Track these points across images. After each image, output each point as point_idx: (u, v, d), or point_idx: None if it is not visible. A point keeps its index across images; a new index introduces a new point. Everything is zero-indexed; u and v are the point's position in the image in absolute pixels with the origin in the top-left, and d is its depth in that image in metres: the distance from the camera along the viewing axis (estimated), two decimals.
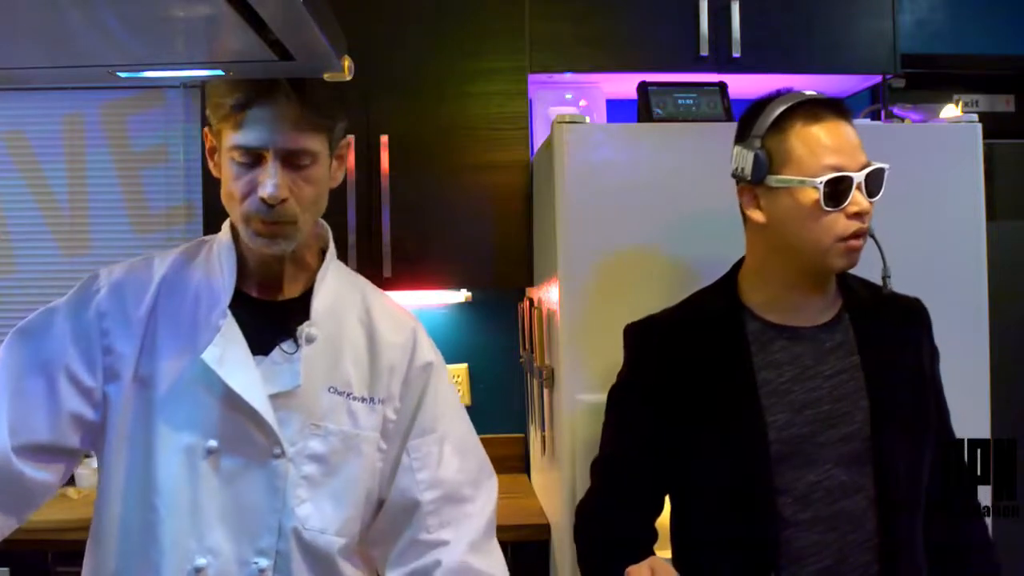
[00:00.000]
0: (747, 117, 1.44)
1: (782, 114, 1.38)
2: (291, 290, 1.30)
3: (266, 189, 1.17)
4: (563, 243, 2.05)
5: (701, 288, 1.56)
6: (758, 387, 1.39)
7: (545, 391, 2.24)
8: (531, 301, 2.43)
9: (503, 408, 2.78)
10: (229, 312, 1.24)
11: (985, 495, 1.81)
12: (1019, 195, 2.99)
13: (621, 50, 2.48)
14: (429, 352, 1.37)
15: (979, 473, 1.81)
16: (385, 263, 2.39)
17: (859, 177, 1.34)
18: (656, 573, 1.24)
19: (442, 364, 1.39)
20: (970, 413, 2.00)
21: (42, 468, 1.21)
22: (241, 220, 1.22)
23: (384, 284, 2.40)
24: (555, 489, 2.16)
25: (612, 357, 2.03)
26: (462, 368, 2.78)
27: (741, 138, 1.43)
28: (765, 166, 1.38)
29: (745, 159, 1.39)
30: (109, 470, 1.24)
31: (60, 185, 2.78)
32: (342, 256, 2.34)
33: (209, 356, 1.21)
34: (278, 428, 1.22)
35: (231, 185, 1.21)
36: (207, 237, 1.34)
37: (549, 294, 2.20)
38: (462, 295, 2.68)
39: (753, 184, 1.40)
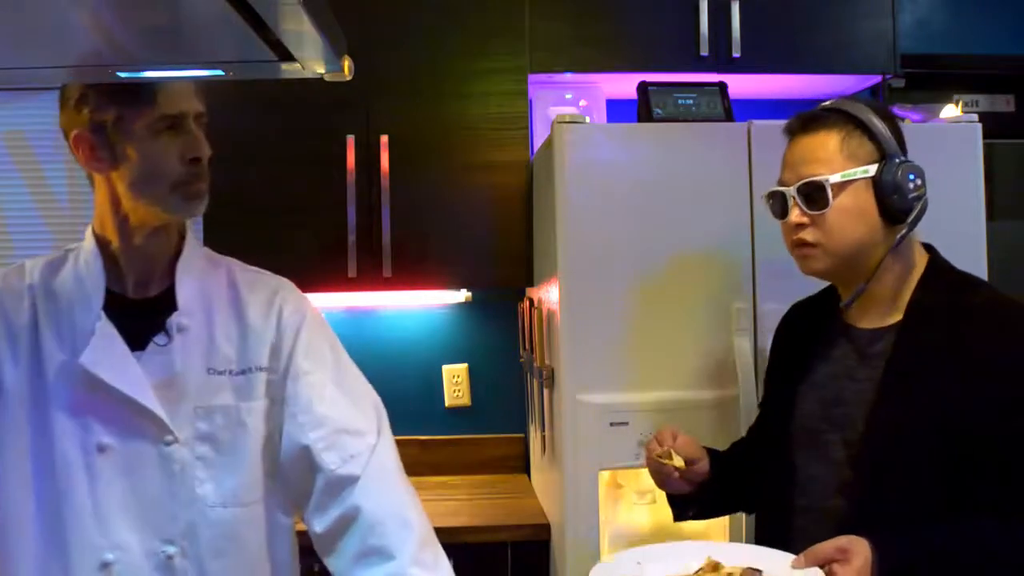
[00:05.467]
0: None
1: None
2: (161, 283, 1.35)
3: (199, 148, 1.27)
4: (563, 243, 2.05)
5: None
6: (805, 376, 1.49)
7: (545, 391, 2.24)
8: (531, 301, 2.44)
9: (503, 408, 2.78)
10: (103, 314, 1.28)
11: None
12: (1019, 195, 2.99)
13: (621, 50, 2.48)
14: (296, 309, 1.39)
15: None
16: (385, 263, 2.39)
17: (789, 192, 1.41)
18: (676, 437, 1.52)
19: (315, 317, 1.41)
20: None
21: None
22: (168, 191, 1.27)
23: (384, 284, 2.41)
24: (555, 489, 2.16)
25: (612, 357, 2.04)
26: (462, 368, 2.78)
27: None
28: None
29: None
30: (8, 481, 1.27)
31: (60, 185, 2.78)
32: (342, 256, 2.37)
33: (86, 359, 1.25)
34: (166, 416, 1.27)
35: (154, 162, 1.26)
36: (72, 246, 1.39)
37: (549, 294, 2.20)
38: (462, 295, 2.68)
39: None
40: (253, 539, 1.33)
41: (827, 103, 1.46)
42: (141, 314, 1.31)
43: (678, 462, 1.50)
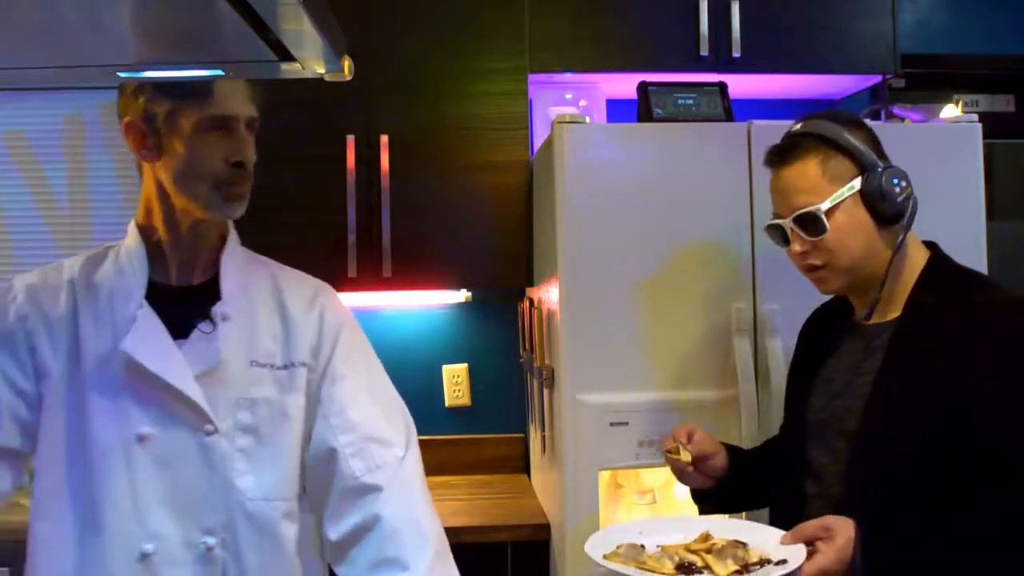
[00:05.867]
0: None
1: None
2: (202, 274, 1.36)
3: (244, 153, 1.30)
4: (563, 243, 2.05)
5: None
6: (817, 372, 1.54)
7: (545, 391, 2.24)
8: (531, 301, 2.44)
9: (503, 408, 2.78)
10: (146, 302, 1.29)
11: None
12: (1019, 195, 2.99)
13: (621, 50, 2.48)
14: (338, 313, 1.42)
15: None
16: (385, 263, 2.39)
17: (787, 223, 1.48)
18: (692, 435, 1.59)
19: (353, 323, 1.43)
20: None
21: None
22: (209, 190, 1.29)
23: (384, 284, 2.41)
24: (555, 489, 2.16)
25: (612, 357, 2.04)
26: (462, 368, 2.78)
27: None
28: None
29: None
30: (45, 468, 1.27)
31: (60, 185, 2.78)
32: (342, 256, 2.37)
33: (127, 344, 1.26)
34: (207, 406, 1.27)
35: (197, 159, 1.28)
36: (111, 243, 1.40)
37: (549, 294, 2.20)
38: (462, 295, 2.68)
39: None
40: (291, 536, 1.32)
41: (797, 127, 1.51)
42: (183, 302, 1.31)
43: (685, 457, 1.57)
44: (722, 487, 1.63)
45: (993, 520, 1.31)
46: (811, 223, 1.44)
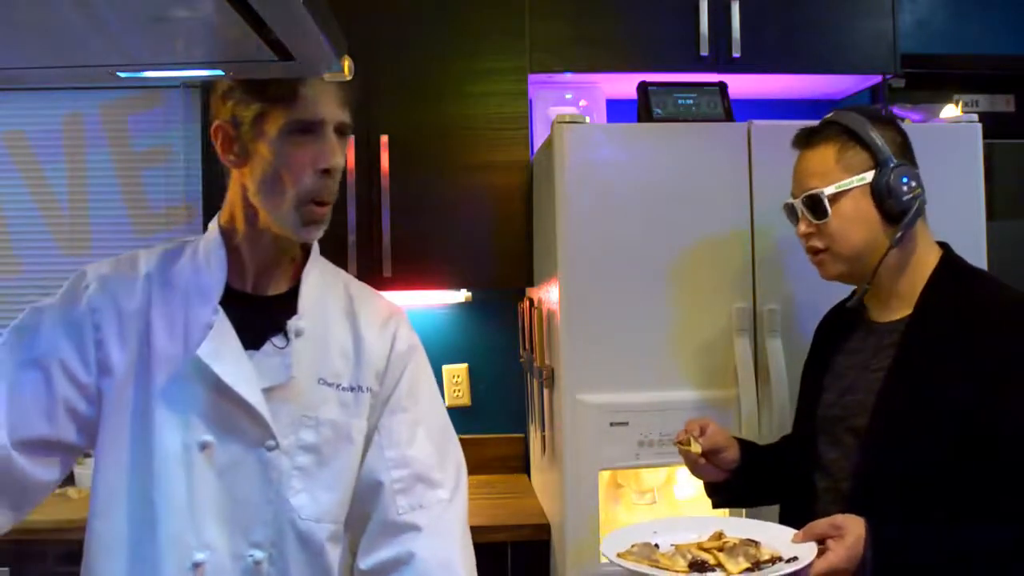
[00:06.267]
0: None
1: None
2: (279, 285, 1.33)
3: (330, 159, 1.22)
4: (563, 243, 2.05)
5: None
6: (829, 368, 1.58)
7: (545, 391, 2.24)
8: (531, 301, 2.44)
9: (503, 408, 2.78)
10: (221, 308, 1.26)
11: None
12: (1019, 195, 2.99)
13: (621, 50, 2.48)
14: (409, 340, 1.39)
15: None
16: (385, 263, 2.39)
17: (796, 204, 1.54)
18: (705, 428, 1.59)
19: (422, 353, 1.41)
20: None
21: (40, 464, 1.23)
22: (291, 206, 1.24)
23: (384, 284, 2.41)
24: (555, 489, 2.16)
25: (612, 357, 2.04)
26: (462, 368, 2.78)
27: None
28: None
29: None
30: (105, 467, 1.25)
31: (60, 185, 2.78)
32: (342, 256, 2.37)
33: (204, 351, 1.22)
34: (271, 420, 1.24)
35: (282, 165, 1.22)
36: (189, 238, 1.36)
37: (549, 294, 2.20)
38: (462, 295, 2.68)
39: None
40: (335, 558, 1.30)
41: (829, 115, 1.55)
42: (256, 312, 1.28)
43: (695, 449, 1.60)
44: (734, 480, 1.65)
45: (999, 520, 1.31)
46: (816, 205, 1.49)
